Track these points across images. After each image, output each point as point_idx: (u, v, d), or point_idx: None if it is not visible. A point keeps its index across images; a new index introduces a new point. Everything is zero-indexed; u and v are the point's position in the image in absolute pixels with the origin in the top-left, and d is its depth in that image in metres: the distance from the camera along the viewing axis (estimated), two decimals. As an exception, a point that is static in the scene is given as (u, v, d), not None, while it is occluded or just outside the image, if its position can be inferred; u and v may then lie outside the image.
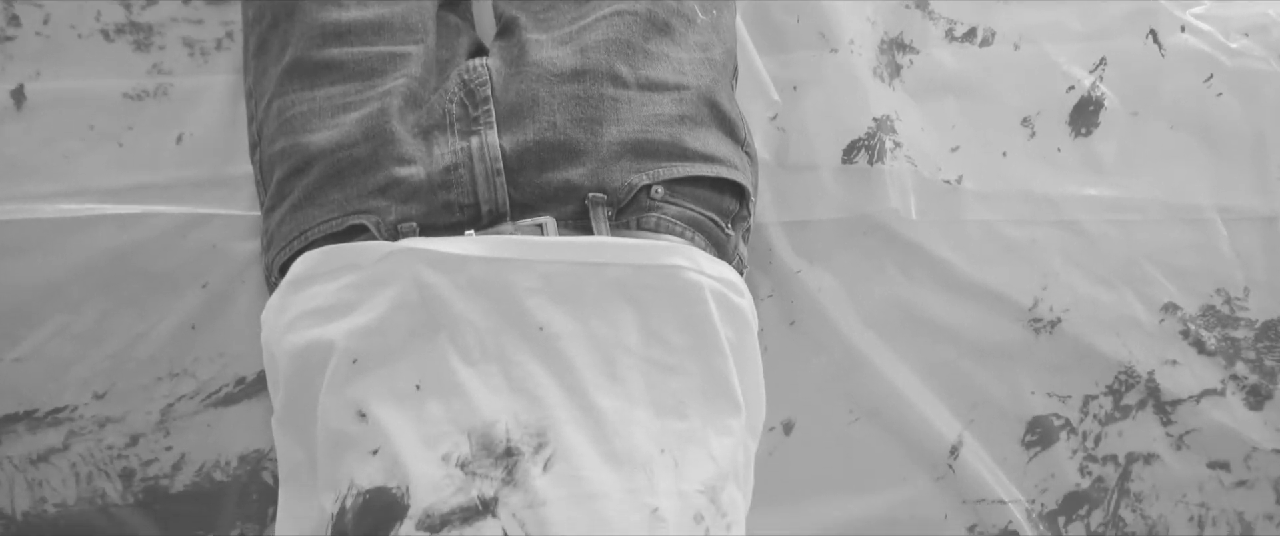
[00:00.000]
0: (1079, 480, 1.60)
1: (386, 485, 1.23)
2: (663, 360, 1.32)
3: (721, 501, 1.30)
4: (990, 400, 1.62)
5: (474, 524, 1.19)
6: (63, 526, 1.48)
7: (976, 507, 1.56)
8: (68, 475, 1.49)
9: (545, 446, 1.24)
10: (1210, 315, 1.70)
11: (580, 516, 1.21)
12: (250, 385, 1.53)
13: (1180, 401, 1.64)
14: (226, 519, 1.50)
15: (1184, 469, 1.61)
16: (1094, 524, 1.57)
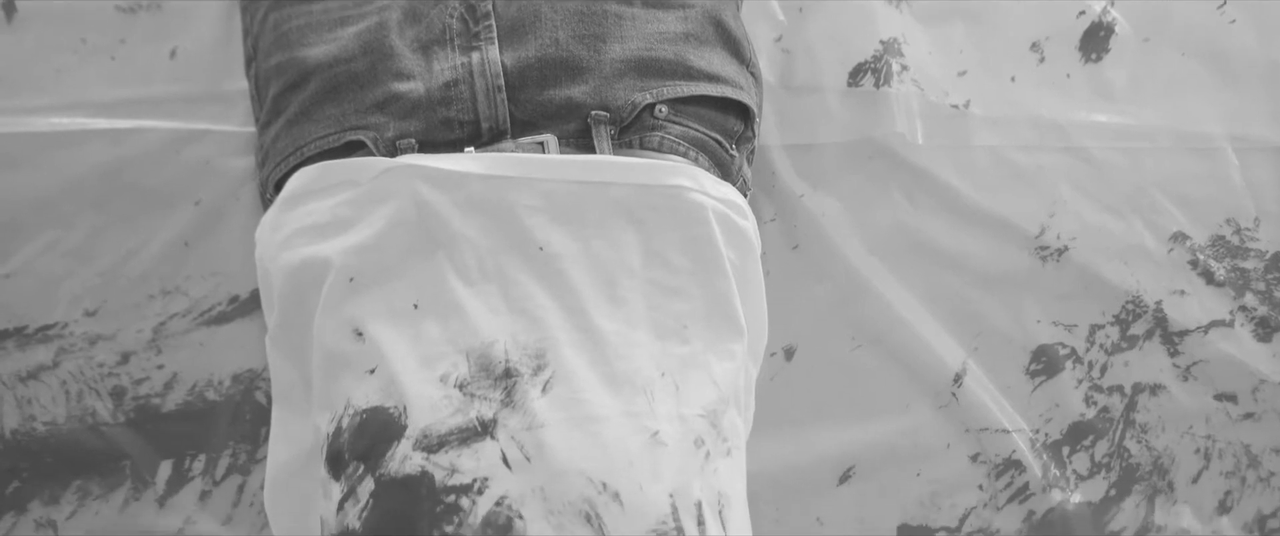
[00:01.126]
0: (1084, 410, 1.59)
1: (383, 404, 1.22)
2: (665, 282, 1.31)
3: (722, 426, 1.30)
4: (995, 328, 1.61)
5: (472, 445, 1.19)
6: (52, 444, 1.47)
7: (979, 436, 1.56)
8: (57, 393, 1.48)
9: (544, 368, 1.23)
10: (1220, 245, 1.69)
11: (579, 439, 1.20)
12: (243, 304, 1.52)
13: (1188, 332, 1.64)
14: (219, 439, 1.49)
15: (1190, 400, 1.61)
16: (1098, 454, 1.57)
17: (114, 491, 1.47)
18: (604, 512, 1.17)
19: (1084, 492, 1.55)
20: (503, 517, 1.16)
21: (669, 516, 1.19)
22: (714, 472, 1.26)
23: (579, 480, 1.18)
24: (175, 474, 1.48)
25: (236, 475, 1.49)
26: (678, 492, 1.21)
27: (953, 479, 1.55)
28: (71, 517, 1.46)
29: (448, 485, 1.17)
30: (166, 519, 1.47)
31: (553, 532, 1.16)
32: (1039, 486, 1.54)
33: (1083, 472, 1.56)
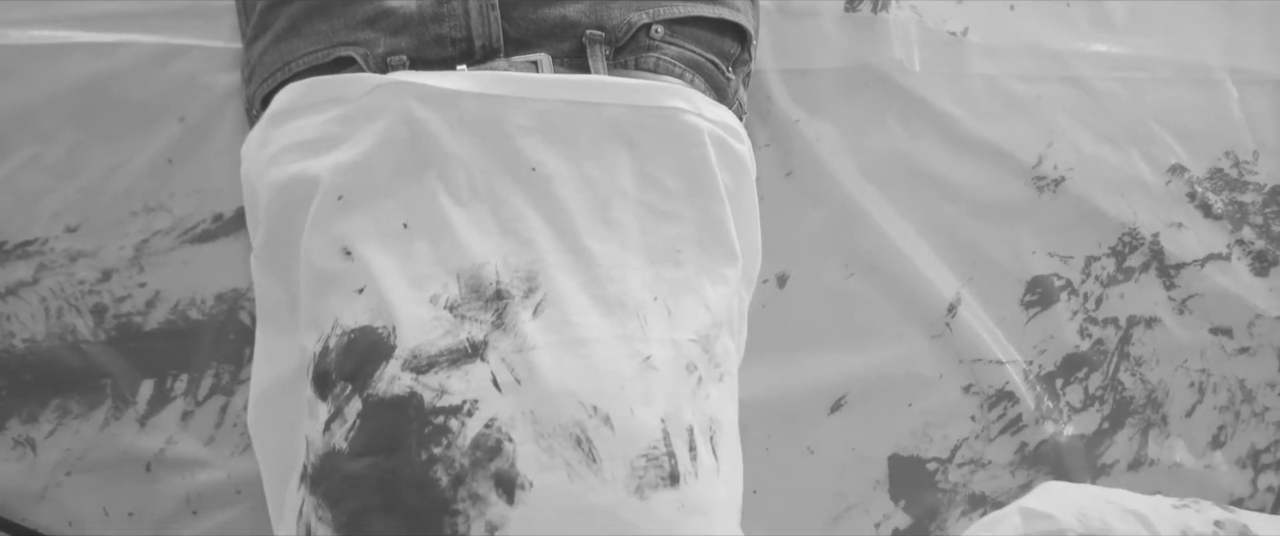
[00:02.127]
0: (1078, 342, 1.59)
1: (372, 325, 1.22)
2: (658, 205, 1.30)
3: (715, 351, 1.30)
4: (990, 258, 1.61)
5: (462, 366, 1.19)
6: (31, 361, 1.46)
7: (973, 367, 1.56)
8: (37, 309, 1.47)
9: (535, 290, 1.23)
10: (1218, 178, 1.68)
11: (570, 362, 1.20)
12: (228, 222, 1.51)
13: (1184, 265, 1.64)
14: (202, 358, 1.49)
15: (1186, 334, 1.61)
16: (1092, 387, 1.57)
17: (94, 410, 1.46)
18: (594, 436, 1.17)
19: (1077, 425, 1.55)
20: (492, 440, 1.16)
21: (660, 441, 1.19)
22: (706, 398, 1.26)
23: (570, 403, 1.18)
24: (157, 393, 1.48)
25: (219, 395, 1.49)
26: (669, 417, 1.21)
27: (945, 409, 1.55)
28: (50, 436, 1.45)
29: (437, 406, 1.17)
30: (147, 438, 1.47)
31: (542, 455, 1.16)
32: (1032, 418, 1.54)
33: (1076, 405, 1.56)
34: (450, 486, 1.15)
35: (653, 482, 1.18)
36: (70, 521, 1.44)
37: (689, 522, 1.19)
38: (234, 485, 1.46)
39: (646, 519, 1.16)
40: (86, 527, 1.44)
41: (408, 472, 1.15)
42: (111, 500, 1.45)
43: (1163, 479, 1.54)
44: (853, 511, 1.51)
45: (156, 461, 1.46)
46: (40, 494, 1.44)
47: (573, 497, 1.15)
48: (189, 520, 1.45)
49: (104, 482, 1.45)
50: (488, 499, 1.14)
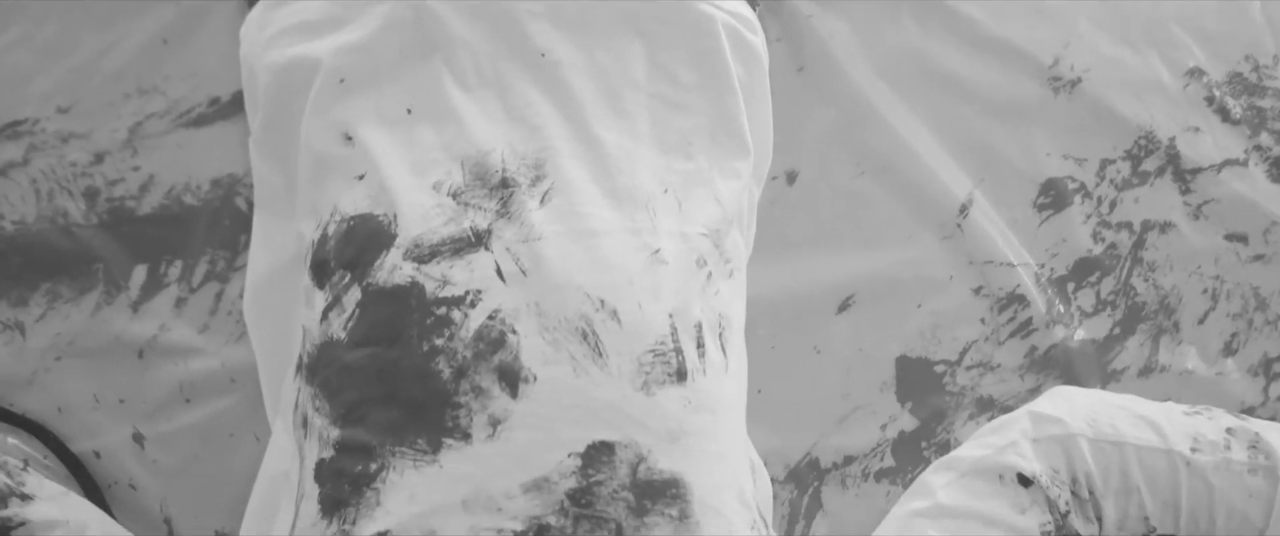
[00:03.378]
0: (1091, 246, 1.58)
1: (373, 212, 1.21)
2: (670, 96, 1.28)
3: (725, 246, 1.29)
4: (1003, 159, 1.59)
5: (465, 256, 1.18)
6: (21, 243, 1.45)
7: (984, 269, 1.54)
8: (27, 191, 1.45)
9: (543, 179, 1.21)
10: (1237, 82, 1.66)
11: (577, 253, 1.19)
12: (225, 106, 1.48)
13: (1200, 170, 1.62)
14: (196, 244, 1.47)
15: (1200, 239, 1.59)
16: (1104, 291, 1.56)
17: (85, 295, 1.45)
18: (601, 330, 1.16)
19: (1088, 330, 1.54)
20: (495, 332, 1.15)
21: (668, 337, 1.19)
22: (715, 294, 1.26)
23: (576, 296, 1.17)
24: (150, 279, 1.46)
25: (214, 282, 1.47)
26: (678, 313, 1.20)
27: (954, 311, 1.54)
28: (40, 320, 1.44)
29: (439, 297, 1.16)
30: (140, 325, 1.45)
31: (547, 349, 1.15)
32: (1042, 322, 1.53)
33: (1087, 309, 1.55)
34: (452, 379, 1.14)
35: (659, 379, 1.17)
36: (59, 407, 1.43)
37: (695, 420, 1.18)
38: (228, 374, 1.45)
39: (652, 415, 1.16)
40: (76, 414, 1.43)
41: (408, 364, 1.15)
42: (102, 386, 1.44)
43: (1173, 386, 1.53)
44: (859, 412, 1.50)
45: (149, 348, 1.45)
46: (29, 379, 1.43)
47: (578, 392, 1.14)
48: (182, 408, 1.44)
49: (95, 368, 1.44)
50: (490, 392, 1.13)
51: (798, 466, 1.47)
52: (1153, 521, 1.34)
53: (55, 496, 1.24)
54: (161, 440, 1.43)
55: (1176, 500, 1.33)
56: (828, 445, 1.49)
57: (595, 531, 1.11)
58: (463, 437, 1.12)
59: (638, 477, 1.14)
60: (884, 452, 1.48)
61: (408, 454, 1.12)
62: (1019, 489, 1.31)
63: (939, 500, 1.34)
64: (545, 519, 1.11)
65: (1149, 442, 1.33)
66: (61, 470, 1.39)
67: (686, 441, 1.17)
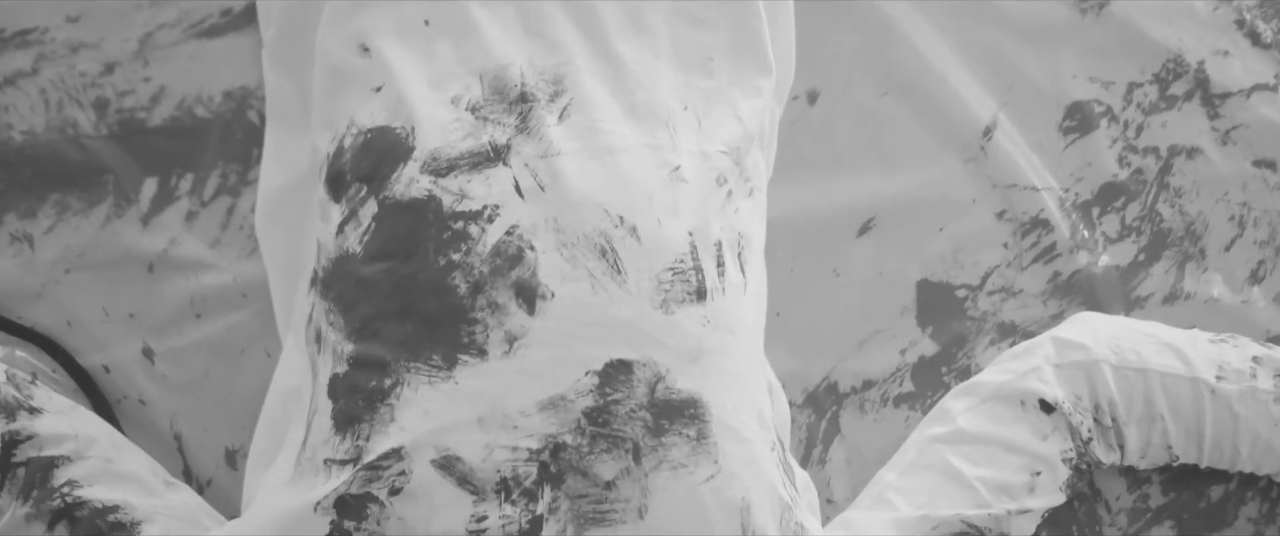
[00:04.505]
0: (1117, 171, 1.55)
1: (390, 124, 1.20)
2: (692, 12, 1.28)
3: (745, 165, 1.28)
4: (1029, 81, 1.57)
5: (483, 170, 1.17)
6: (30, 154, 1.43)
7: (1007, 193, 1.52)
8: (36, 101, 1.44)
9: (562, 94, 1.21)
10: (1268, 4, 1.64)
11: (596, 170, 1.18)
12: (237, 17, 1.47)
13: (1229, 94, 1.59)
14: (208, 157, 1.45)
15: (1228, 165, 1.57)
16: (1129, 217, 1.54)
17: (95, 207, 1.44)
18: (620, 247, 1.16)
19: (1112, 255, 1.52)
20: (513, 247, 1.14)
21: (687, 255, 1.18)
22: (735, 212, 1.25)
23: (595, 212, 1.16)
24: (160, 192, 1.45)
25: (226, 196, 1.45)
26: (697, 231, 1.20)
27: (976, 235, 1.52)
28: (49, 232, 1.43)
29: (456, 211, 1.16)
30: (150, 238, 1.44)
31: (565, 265, 1.14)
32: (1066, 247, 1.51)
33: (1112, 235, 1.53)
34: (469, 294, 1.13)
35: (678, 297, 1.17)
36: (68, 321, 1.42)
37: (714, 340, 1.18)
38: (240, 288, 1.43)
39: (671, 334, 1.15)
40: (86, 327, 1.42)
41: (424, 278, 1.14)
42: (112, 300, 1.43)
43: (1198, 313, 1.51)
44: (878, 336, 1.48)
45: (159, 262, 1.44)
46: (38, 291, 1.42)
47: (595, 310, 1.14)
48: (192, 323, 1.43)
49: (104, 282, 1.43)
50: (507, 308, 1.13)
51: (816, 390, 1.46)
52: (1176, 450, 1.33)
53: (64, 410, 1.24)
54: (171, 355, 1.42)
55: (1201, 428, 1.32)
56: (846, 369, 1.47)
57: (612, 451, 1.11)
58: (479, 354, 1.12)
59: (656, 397, 1.13)
60: (903, 377, 1.47)
61: (423, 370, 1.12)
62: (1041, 415, 1.30)
63: (959, 425, 1.33)
64: (561, 437, 1.11)
65: (1174, 370, 1.32)
66: (70, 384, 1.39)
67: (705, 361, 1.16)
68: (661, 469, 1.12)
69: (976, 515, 1.26)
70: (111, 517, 1.17)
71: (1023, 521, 1.28)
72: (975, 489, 1.27)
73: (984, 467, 1.29)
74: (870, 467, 1.41)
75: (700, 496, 1.13)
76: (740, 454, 1.16)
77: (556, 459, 1.10)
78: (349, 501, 1.10)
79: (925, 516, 1.26)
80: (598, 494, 1.10)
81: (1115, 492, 1.43)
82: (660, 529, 1.11)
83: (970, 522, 1.26)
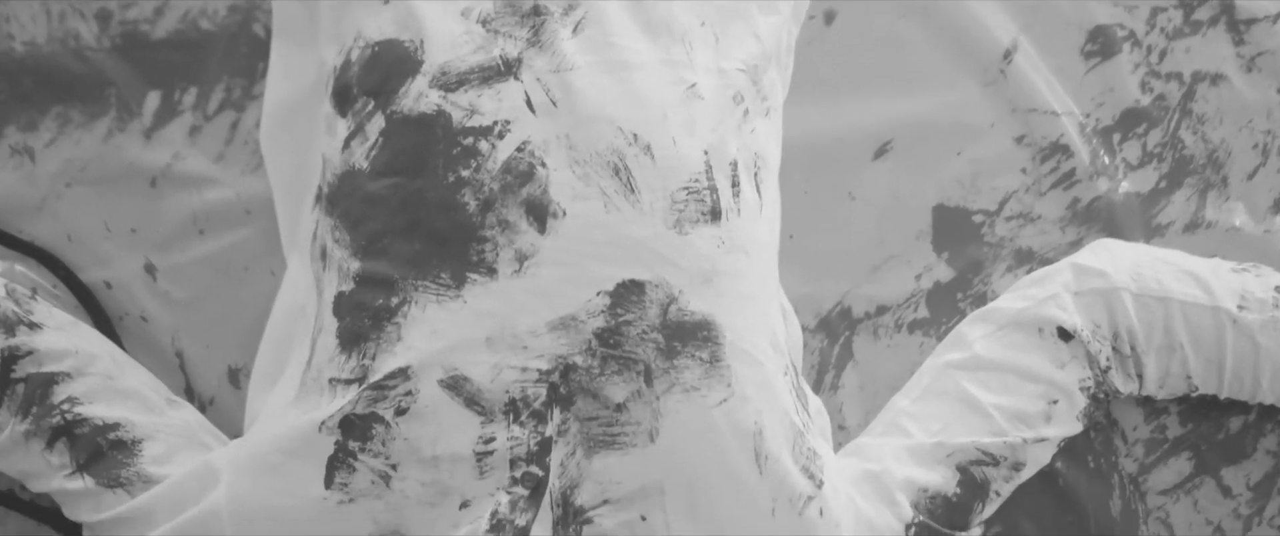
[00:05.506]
0: (1139, 96, 1.52)
1: (398, 37, 1.18)
2: (709, -75, 1.24)
3: (762, 83, 1.26)
4: (1051, 4, 1.54)
5: (494, 85, 1.15)
6: (31, 66, 1.41)
7: (1027, 117, 1.49)
8: (38, 11, 1.42)
9: (575, 7, 1.18)
10: (1296, -71, 1.60)
11: (610, 85, 1.16)
12: (242, -73, 1.45)
13: (1255, 21, 1.56)
14: (212, 71, 1.43)
15: (1252, 92, 1.54)
16: (1151, 143, 1.51)
17: (97, 120, 1.42)
18: (634, 165, 1.14)
19: (1133, 182, 1.49)
20: (524, 164, 1.13)
21: (702, 174, 1.16)
22: (751, 132, 1.23)
23: (608, 129, 1.14)
24: (164, 106, 1.43)
25: (230, 111, 1.43)
26: (713, 150, 1.18)
27: (995, 160, 1.49)
28: (50, 145, 1.41)
29: (466, 126, 1.14)
30: (153, 152, 1.42)
31: (577, 183, 1.13)
32: (1086, 173, 1.48)
33: (1133, 161, 1.50)
34: (478, 211, 1.12)
35: (693, 217, 1.15)
36: (69, 235, 1.40)
37: (729, 261, 1.16)
38: (243, 205, 1.42)
39: (684, 254, 1.14)
40: (87, 242, 1.40)
41: (433, 195, 1.13)
42: (113, 215, 1.41)
43: (1220, 242, 1.48)
44: (893, 261, 1.46)
45: (162, 177, 1.42)
46: (38, 205, 1.40)
47: (608, 229, 1.12)
48: (195, 239, 1.41)
49: (106, 196, 1.41)
50: (518, 226, 1.12)
51: (829, 315, 1.44)
52: (1195, 380, 1.31)
53: (64, 326, 1.23)
54: (174, 271, 1.40)
55: (1221, 358, 1.30)
56: (860, 294, 1.45)
57: (623, 372, 1.10)
58: (488, 272, 1.10)
59: (668, 318, 1.12)
60: (918, 303, 1.45)
61: (430, 288, 1.10)
62: (1059, 343, 1.28)
63: (975, 352, 1.31)
64: (572, 358, 1.10)
65: (1195, 299, 1.30)
66: (71, 300, 1.37)
67: (719, 282, 1.15)
68: (673, 391, 1.11)
69: (992, 443, 1.24)
70: (112, 435, 1.17)
71: (1039, 450, 1.27)
72: (991, 416, 1.25)
73: (1000, 395, 1.27)
74: (883, 394, 1.39)
75: (712, 420, 1.12)
76: (753, 377, 1.15)
77: (566, 380, 1.09)
78: (354, 421, 1.09)
79: (940, 444, 1.25)
80: (608, 416, 1.10)
81: (1132, 423, 1.41)
82: (671, 453, 1.10)
83: (985, 450, 1.24)
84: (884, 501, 1.22)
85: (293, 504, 1.10)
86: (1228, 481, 1.41)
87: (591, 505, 1.09)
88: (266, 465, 1.11)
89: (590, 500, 1.09)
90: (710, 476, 1.11)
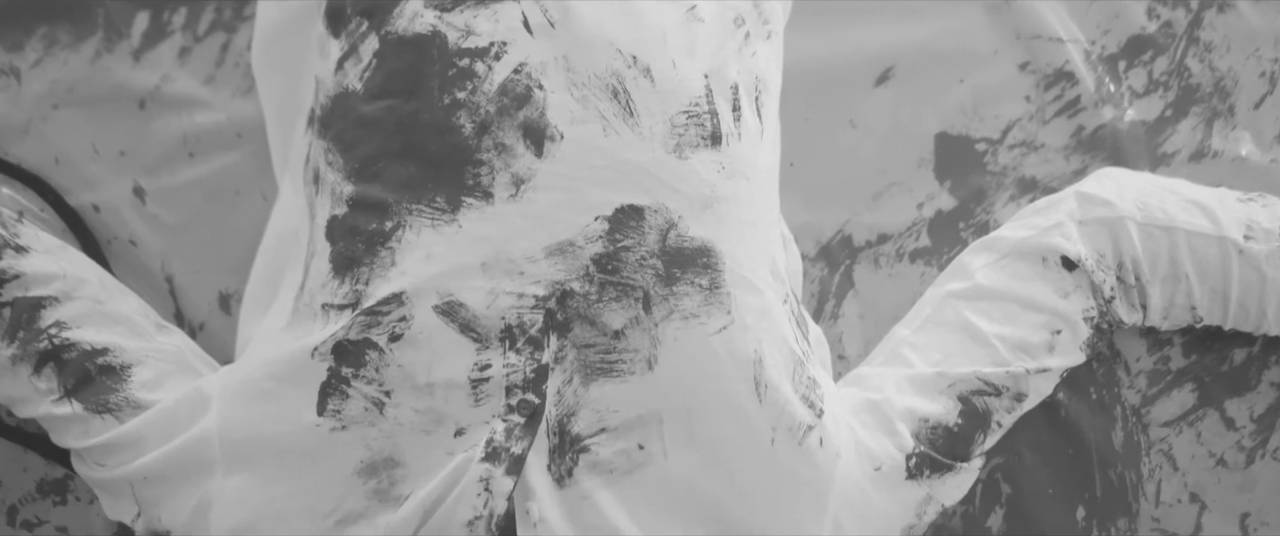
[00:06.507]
0: (1145, 23, 1.50)
1: None
2: None
3: (763, 6, 1.24)
4: (1057, -72, 1.51)
5: (490, 5, 1.13)
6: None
7: (1031, 44, 1.47)
8: (22, -71, 1.40)
9: None
10: None
11: (609, 7, 1.14)
12: None
13: (1264, -53, 1.54)
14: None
15: (1260, 20, 1.52)
16: (1157, 71, 1.49)
17: (84, 41, 1.40)
18: (633, 88, 1.12)
19: (1138, 110, 1.47)
20: (521, 86, 1.11)
21: (702, 98, 1.15)
22: (753, 56, 1.21)
23: (607, 52, 1.13)
24: (153, 26, 1.41)
25: (220, 31, 1.42)
26: (713, 73, 1.16)
27: (998, 87, 1.47)
28: (36, 66, 1.40)
29: (461, 47, 1.12)
30: (142, 74, 1.41)
31: (575, 106, 1.11)
32: (1091, 101, 1.46)
33: (1138, 89, 1.48)
34: (474, 134, 1.10)
35: (693, 141, 1.13)
36: (57, 158, 1.39)
37: (729, 186, 1.15)
38: (234, 128, 1.40)
39: (684, 179, 1.12)
40: (74, 165, 1.39)
41: (428, 117, 1.11)
42: (101, 137, 1.40)
43: (1226, 172, 1.46)
44: (894, 189, 1.44)
45: (151, 99, 1.40)
46: (24, 127, 1.39)
47: (606, 153, 1.11)
48: (185, 162, 1.40)
49: (94, 118, 1.40)
50: (514, 149, 1.10)
51: (829, 243, 1.42)
52: (1200, 311, 1.30)
53: (52, 249, 1.21)
54: (163, 195, 1.39)
55: (1226, 289, 1.28)
56: (861, 222, 1.44)
57: (621, 299, 1.09)
58: (484, 197, 1.09)
59: (667, 244, 1.11)
60: (920, 232, 1.43)
61: (425, 212, 1.09)
62: (1062, 272, 1.27)
63: (977, 281, 1.29)
64: (569, 284, 1.08)
65: (1201, 228, 1.28)
66: (58, 223, 1.36)
67: (719, 208, 1.13)
68: (672, 319, 1.10)
69: (994, 373, 1.23)
70: (100, 360, 1.15)
71: (1041, 380, 1.26)
72: (993, 346, 1.24)
73: (1002, 325, 1.26)
74: (884, 323, 1.38)
75: (712, 348, 1.10)
76: (754, 305, 1.13)
77: (563, 306, 1.08)
78: (347, 347, 1.08)
79: (941, 374, 1.24)
80: (605, 343, 1.09)
81: (1135, 354, 1.40)
82: (670, 380, 1.09)
83: (987, 380, 1.23)
84: (884, 431, 1.21)
85: (285, 430, 1.09)
86: (1231, 413, 1.40)
87: (588, 433, 1.08)
88: (258, 391, 1.11)
89: (587, 428, 1.08)
90: (709, 405, 1.10)
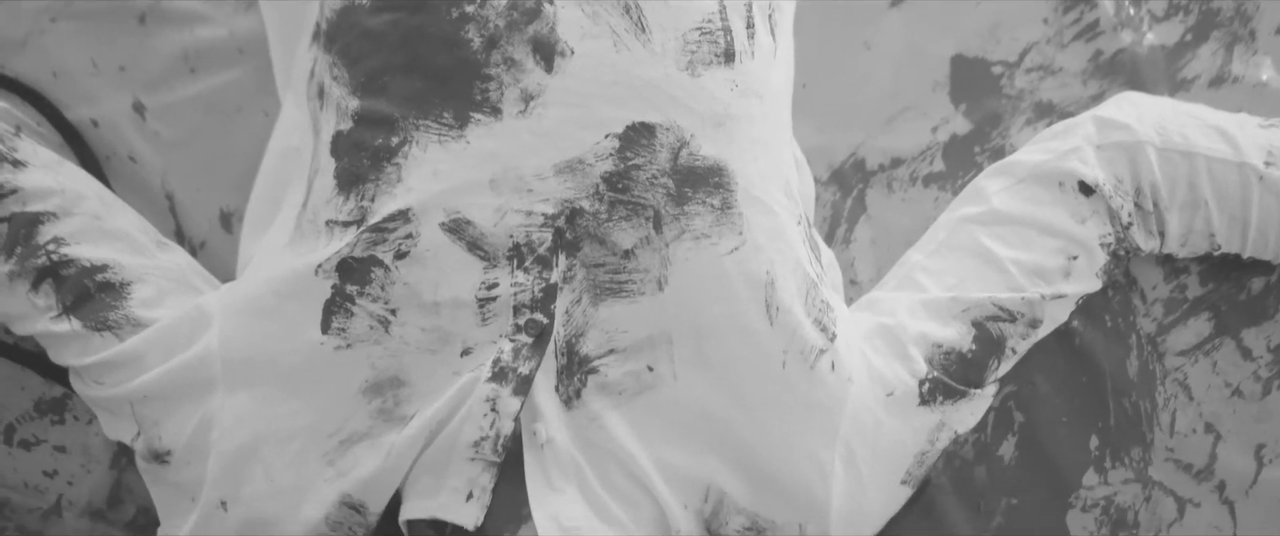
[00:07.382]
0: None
1: None
2: None
3: None
4: None
5: None
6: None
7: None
8: None
9: None
10: None
11: None
12: None
13: None
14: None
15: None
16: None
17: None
18: (644, 3, 1.10)
19: (1158, 34, 1.45)
20: (531, 0, 1.07)
21: (716, 14, 1.13)
22: None
23: None
24: (150, -60, 1.40)
25: (221, -55, 1.40)
26: None
27: (1016, 9, 1.45)
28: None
29: None
30: (136, -10, 1.40)
31: (586, 21, 1.09)
32: (1110, 25, 1.44)
33: (1158, 13, 1.46)
34: (482, 49, 1.08)
35: (705, 59, 1.12)
36: (55, 72, 1.37)
37: (742, 105, 1.13)
38: (236, 43, 1.39)
39: (696, 97, 1.11)
40: (73, 79, 1.37)
41: (435, 30, 1.09)
42: (101, 51, 1.38)
43: (1246, 98, 1.44)
44: (909, 113, 1.43)
45: (151, 13, 1.39)
46: (21, 40, 1.37)
47: (617, 69, 1.09)
48: (186, 78, 1.39)
49: (93, 32, 1.38)
50: (523, 65, 1.08)
51: (842, 167, 1.41)
52: (1218, 238, 1.28)
53: (50, 164, 1.20)
54: (164, 111, 1.38)
55: (1246, 216, 1.26)
56: (874, 146, 1.42)
57: (631, 218, 1.08)
58: (492, 112, 1.07)
59: (679, 163, 1.09)
60: (934, 156, 1.42)
61: (432, 127, 1.07)
62: (1079, 197, 1.25)
63: (993, 206, 1.27)
64: (578, 202, 1.07)
65: (1220, 154, 1.26)
66: (56, 138, 1.35)
67: (732, 127, 1.12)
68: (683, 238, 1.08)
69: (1009, 298, 1.22)
70: (100, 277, 1.14)
71: (1056, 307, 1.24)
72: (1008, 271, 1.22)
73: (1018, 249, 1.24)
74: (897, 248, 1.36)
75: (723, 268, 1.09)
76: (766, 226, 1.12)
77: (573, 225, 1.07)
78: (352, 264, 1.07)
79: (955, 298, 1.22)
80: (615, 263, 1.07)
81: (1151, 282, 1.38)
82: (680, 301, 1.08)
83: (1002, 306, 1.21)
84: (897, 356, 1.19)
85: (288, 348, 1.08)
86: (1248, 343, 1.38)
87: (597, 354, 1.07)
88: (260, 308, 1.10)
89: (596, 349, 1.07)
90: (720, 326, 1.09)
